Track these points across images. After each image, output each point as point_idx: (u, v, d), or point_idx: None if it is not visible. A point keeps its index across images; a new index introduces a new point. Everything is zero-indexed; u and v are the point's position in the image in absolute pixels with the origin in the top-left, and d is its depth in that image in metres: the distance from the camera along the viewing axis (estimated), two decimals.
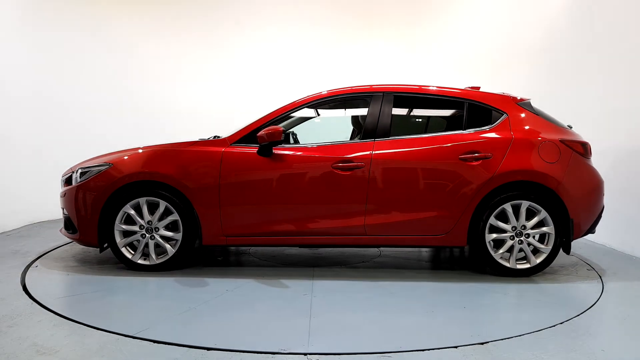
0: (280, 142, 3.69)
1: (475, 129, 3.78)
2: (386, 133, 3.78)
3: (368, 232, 3.72)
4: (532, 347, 2.46)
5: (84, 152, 6.56)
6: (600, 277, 3.83)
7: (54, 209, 6.15)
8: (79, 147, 6.53)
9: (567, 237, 3.69)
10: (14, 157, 5.67)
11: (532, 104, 4.00)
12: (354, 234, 3.74)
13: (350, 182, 3.65)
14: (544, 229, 3.67)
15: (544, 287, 3.52)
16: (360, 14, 7.96)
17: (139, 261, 3.77)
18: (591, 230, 3.86)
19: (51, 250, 4.48)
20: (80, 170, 3.90)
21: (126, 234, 3.78)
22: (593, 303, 3.19)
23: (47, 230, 5.45)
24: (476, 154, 3.65)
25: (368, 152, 3.68)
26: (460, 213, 3.66)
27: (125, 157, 3.85)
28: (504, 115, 3.80)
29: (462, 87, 4.07)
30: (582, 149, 3.79)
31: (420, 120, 4.49)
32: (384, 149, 3.71)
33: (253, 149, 3.73)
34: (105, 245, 3.85)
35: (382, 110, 3.84)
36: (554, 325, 2.76)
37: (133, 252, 3.78)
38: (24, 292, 3.27)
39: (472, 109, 3.86)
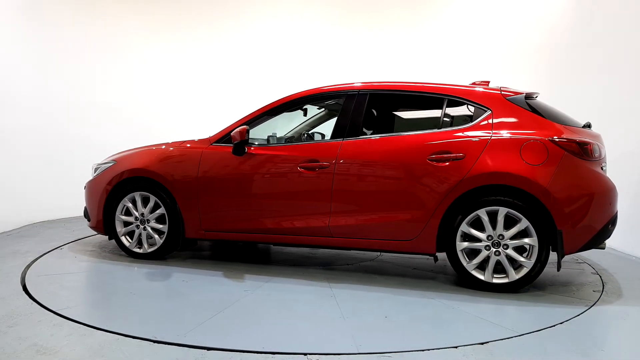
0: (247, 141, 3.78)
1: (453, 128, 3.47)
2: (356, 132, 3.65)
3: (333, 234, 3.63)
4: (532, 347, 2.46)
5: (85, 152, 6.59)
6: (600, 277, 3.83)
7: (54, 209, 6.17)
8: (80, 147, 6.55)
9: (556, 251, 3.26)
10: (15, 157, 5.67)
11: (533, 99, 3.62)
12: (319, 235, 3.67)
13: (315, 182, 3.60)
14: (525, 240, 3.25)
15: (543, 287, 3.52)
16: (360, 10, 7.96)
17: (135, 249, 4.16)
18: (594, 244, 3.32)
19: (83, 239, 4.59)
20: (95, 166, 4.41)
21: (126, 224, 4.18)
22: (593, 303, 3.19)
23: (47, 230, 5.45)
24: (446, 155, 3.35)
25: (334, 152, 3.60)
26: (428, 218, 3.39)
27: (127, 155, 4.28)
28: (487, 112, 3.43)
29: (470, 82, 3.85)
30: (579, 150, 3.25)
31: (397, 119, 4.24)
32: (350, 148, 3.58)
33: (229, 149, 3.85)
34: None
35: (355, 109, 3.70)
36: (554, 325, 2.76)
37: (131, 241, 4.17)
38: (24, 292, 3.27)
39: (452, 105, 3.56)
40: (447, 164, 3.34)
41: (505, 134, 3.34)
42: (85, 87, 6.67)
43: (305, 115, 4.46)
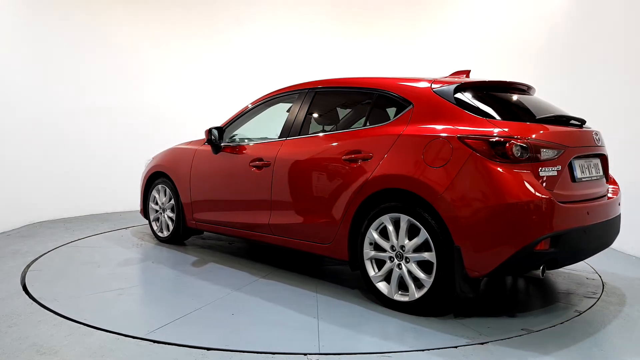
0: (211, 140, 4.10)
1: (375, 125, 3.18)
2: (297, 131, 3.62)
3: (273, 232, 3.67)
4: (532, 347, 2.46)
5: (84, 153, 6.59)
6: (600, 276, 3.83)
7: (54, 209, 6.17)
8: (80, 147, 6.54)
9: (460, 270, 2.67)
10: (15, 157, 5.66)
11: (484, 89, 3.10)
12: (263, 232, 3.77)
13: (260, 180, 3.72)
14: (425, 254, 2.79)
15: (542, 287, 3.52)
16: (361, 12, 7.96)
17: (158, 233, 4.91)
18: (520, 268, 2.72)
19: (130, 227, 4.67)
20: (145, 162, 5.22)
21: (156, 212, 4.93)
22: (593, 303, 3.19)
23: (47, 230, 5.45)
24: (357, 154, 3.13)
25: (276, 151, 3.64)
26: (339, 222, 3.19)
27: (159, 153, 4.99)
28: (409, 107, 3.06)
29: (451, 73, 3.64)
30: (491, 149, 2.62)
31: (336, 116, 4.03)
32: (287, 148, 3.59)
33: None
34: None
35: (300, 108, 3.70)
36: (554, 326, 2.76)
37: (157, 226, 4.93)
38: (23, 292, 3.27)
39: (381, 100, 3.30)
40: (357, 164, 3.12)
41: (414, 131, 2.93)
42: (85, 87, 6.64)
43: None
